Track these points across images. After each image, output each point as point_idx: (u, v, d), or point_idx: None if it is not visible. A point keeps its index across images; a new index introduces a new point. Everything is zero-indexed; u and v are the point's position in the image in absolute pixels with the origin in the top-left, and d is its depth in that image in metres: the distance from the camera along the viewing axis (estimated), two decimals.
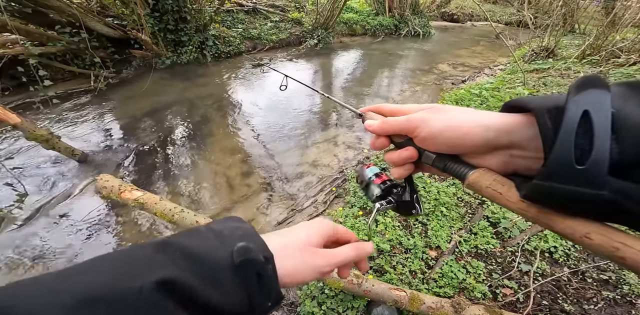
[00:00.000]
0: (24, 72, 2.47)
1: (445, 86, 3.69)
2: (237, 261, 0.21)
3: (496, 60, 5.13)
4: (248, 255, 0.21)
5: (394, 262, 1.29)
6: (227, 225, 0.25)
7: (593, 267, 1.34)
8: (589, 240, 0.17)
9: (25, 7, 2.72)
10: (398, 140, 0.28)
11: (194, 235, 0.23)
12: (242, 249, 0.21)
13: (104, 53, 3.39)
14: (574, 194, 0.16)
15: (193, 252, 0.20)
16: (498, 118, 0.22)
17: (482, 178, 0.22)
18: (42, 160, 2.09)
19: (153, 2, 3.40)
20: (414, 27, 6.81)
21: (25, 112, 2.60)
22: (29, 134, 1.91)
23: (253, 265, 0.21)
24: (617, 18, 4.22)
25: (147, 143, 2.35)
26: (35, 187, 1.87)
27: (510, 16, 9.12)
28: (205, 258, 0.20)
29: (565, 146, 0.16)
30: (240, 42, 4.53)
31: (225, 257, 0.21)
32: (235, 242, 0.22)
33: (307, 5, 6.10)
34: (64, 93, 2.92)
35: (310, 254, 0.26)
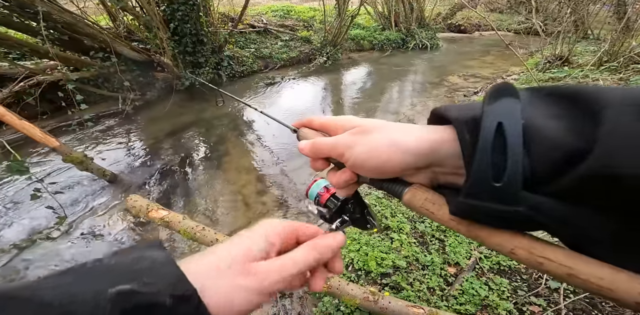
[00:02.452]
0: (62, 97, 2.81)
1: (457, 99, 3.81)
2: (128, 306, 0.15)
3: (509, 69, 5.23)
4: (136, 302, 0.15)
5: (411, 278, 1.34)
6: (128, 258, 0.19)
7: None
8: (515, 255, 0.18)
9: (62, 34, 3.11)
10: (334, 161, 0.28)
11: (69, 275, 0.17)
12: (121, 294, 0.15)
13: (130, 76, 3.79)
14: (494, 211, 0.17)
15: (42, 302, 0.14)
16: (417, 138, 0.22)
17: (414, 198, 0.23)
18: (76, 180, 2.34)
19: (173, 26, 3.84)
20: (421, 40, 7.12)
21: (60, 134, 2.93)
22: (66, 156, 2.16)
23: (154, 310, 0.16)
24: (630, 23, 4.25)
25: (168, 163, 2.57)
26: (69, 206, 2.08)
27: (519, 24, 9.32)
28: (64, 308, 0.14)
29: (482, 164, 0.17)
30: (253, 61, 4.93)
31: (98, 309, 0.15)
32: (126, 281, 0.16)
33: (316, 24, 6.59)
34: (95, 116, 3.28)
35: (245, 274, 0.21)
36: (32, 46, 3.03)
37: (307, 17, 6.96)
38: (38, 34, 2.79)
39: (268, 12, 6.93)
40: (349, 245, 1.51)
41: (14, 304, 0.14)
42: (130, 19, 4.06)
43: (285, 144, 2.84)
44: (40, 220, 1.96)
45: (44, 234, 1.87)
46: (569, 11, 5.41)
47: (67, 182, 2.32)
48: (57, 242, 1.81)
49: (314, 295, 1.33)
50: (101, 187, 2.27)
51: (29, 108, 3.02)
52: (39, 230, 1.89)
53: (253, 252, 0.22)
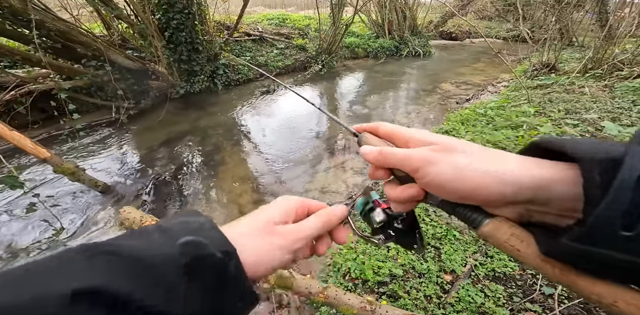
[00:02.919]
0: (54, 106, 2.80)
1: (450, 106, 3.92)
2: (186, 260, 0.18)
3: (499, 76, 5.43)
4: (198, 252, 0.19)
5: (408, 286, 1.36)
6: (178, 221, 0.22)
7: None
8: (618, 309, 0.16)
9: (55, 42, 3.11)
10: (400, 174, 0.26)
11: (136, 236, 0.20)
12: (188, 244, 0.19)
13: (124, 84, 3.80)
14: (613, 261, 0.16)
15: (130, 254, 0.18)
16: (521, 170, 0.20)
17: (498, 231, 0.21)
18: (67, 191, 2.31)
19: (168, 35, 3.89)
20: (414, 48, 7.36)
21: (52, 144, 2.91)
22: (57, 167, 2.15)
23: (208, 264, 0.19)
24: (612, 30, 4.46)
25: (163, 173, 2.57)
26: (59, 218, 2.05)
27: (508, 32, 9.72)
28: (145, 259, 0.17)
29: (614, 209, 0.15)
30: (249, 69, 5.01)
31: (172, 256, 0.18)
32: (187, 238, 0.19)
33: (311, 32, 6.76)
34: (87, 125, 3.27)
35: (273, 234, 0.25)
36: (24, 54, 3.04)
37: (302, 25, 7.15)
38: (30, 42, 2.79)
39: (264, 21, 7.09)
40: (345, 254, 1.53)
41: (108, 257, 0.17)
42: (125, 27, 4.10)
43: (280, 153, 2.87)
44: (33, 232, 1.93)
45: (34, 247, 1.84)
46: (554, 19, 5.69)
47: (58, 193, 2.29)
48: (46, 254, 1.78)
49: (311, 305, 1.34)
50: (93, 198, 2.25)
51: (19, 117, 3.00)
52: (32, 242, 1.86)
53: (275, 218, 0.26)
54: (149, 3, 3.61)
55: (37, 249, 1.82)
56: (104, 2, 3.51)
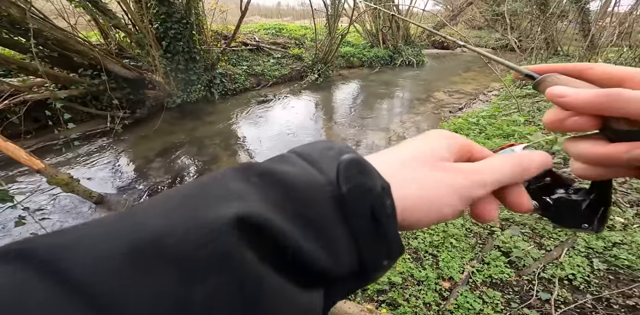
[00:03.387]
0: (49, 116, 2.81)
1: (443, 115, 4.07)
2: (345, 188, 0.15)
3: (489, 85, 5.66)
4: (360, 179, 0.15)
5: (407, 294, 1.40)
6: (314, 146, 0.19)
7: (617, 293, 1.42)
8: None
9: (52, 51, 3.13)
10: (620, 127, 0.18)
11: (277, 159, 0.17)
12: (351, 165, 0.15)
13: (120, 94, 3.84)
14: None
15: (282, 177, 0.15)
16: None
17: None
18: (60, 202, 2.30)
19: (165, 44, 3.97)
20: (407, 57, 7.64)
21: (45, 154, 2.89)
22: (51, 178, 2.15)
23: (367, 197, 0.15)
24: (595, 40, 4.73)
25: (159, 183, 2.59)
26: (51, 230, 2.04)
27: (497, 41, 10.18)
28: (300, 187, 0.15)
29: None
30: (245, 79, 5.12)
31: (323, 183, 0.15)
32: (336, 165, 0.16)
33: (307, 42, 6.97)
34: (82, 135, 3.27)
35: (442, 169, 0.18)
36: (20, 63, 3.06)
37: (298, 35, 7.37)
38: (27, 51, 2.81)
39: (260, 30, 7.29)
40: None
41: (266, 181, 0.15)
42: (122, 36, 4.18)
43: None
44: None
45: None
46: (539, 29, 6.02)
47: (51, 204, 2.28)
48: None
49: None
50: (88, 209, 2.24)
51: (12, 127, 2.99)
52: None
53: (443, 152, 0.20)
54: (147, 13, 3.71)
55: None
56: (102, 11, 3.60)
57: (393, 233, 0.16)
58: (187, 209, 0.13)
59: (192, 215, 0.13)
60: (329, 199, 0.15)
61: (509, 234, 1.71)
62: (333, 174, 0.15)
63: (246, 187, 0.14)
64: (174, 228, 0.12)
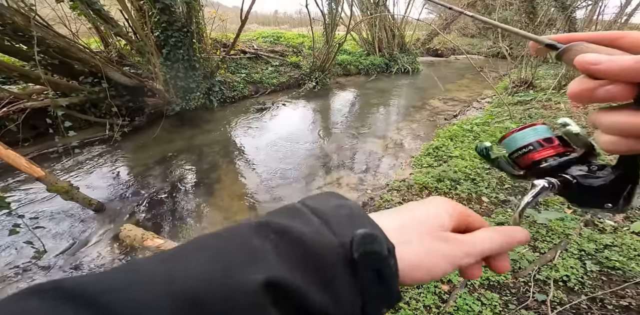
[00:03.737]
0: (50, 124, 2.83)
1: (438, 122, 4.20)
2: (357, 254, 0.17)
3: (482, 92, 5.86)
4: (370, 248, 0.17)
5: (407, 297, 1.44)
6: (325, 201, 0.20)
7: (610, 293, 1.48)
8: None
9: (54, 59, 3.17)
10: None
11: (291, 214, 0.19)
12: (364, 238, 0.17)
13: (120, 101, 3.87)
14: None
15: (297, 237, 0.17)
16: None
17: None
18: (59, 210, 2.31)
19: (166, 52, 4.05)
20: (403, 65, 7.87)
21: (43, 161, 2.91)
22: (51, 186, 2.17)
23: (374, 261, 0.17)
24: None
25: (158, 191, 2.61)
26: (53, 237, 2.04)
27: (489, 48, 10.55)
28: (316, 250, 0.17)
29: None
30: (244, 86, 5.21)
31: (336, 248, 0.17)
32: (348, 228, 0.18)
33: (304, 50, 7.15)
34: (80, 142, 3.29)
35: (440, 239, 0.21)
36: (22, 71, 3.09)
37: (296, 43, 7.56)
38: (30, 59, 2.85)
39: (259, 38, 7.47)
40: None
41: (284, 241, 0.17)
42: (123, 44, 4.26)
43: (276, 170, 2.97)
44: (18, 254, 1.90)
45: (19, 269, 1.81)
46: None
47: (49, 212, 2.29)
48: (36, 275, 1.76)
49: None
50: (87, 217, 2.25)
51: (10, 134, 3.00)
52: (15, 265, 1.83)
53: (445, 223, 0.22)
54: (148, 21, 3.80)
55: (15, 273, 1.79)
56: (104, 19, 3.67)
57: (394, 288, 0.18)
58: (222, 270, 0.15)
59: (228, 275, 0.15)
60: (340, 261, 0.17)
61: None
62: (345, 239, 0.18)
63: (266, 246, 0.16)
64: (211, 287, 0.14)
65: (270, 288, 0.15)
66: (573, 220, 1.90)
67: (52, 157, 2.94)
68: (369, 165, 3.01)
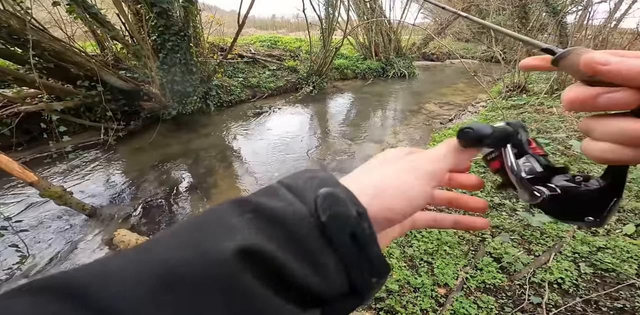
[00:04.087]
0: (44, 128, 2.81)
1: (434, 126, 4.26)
2: (324, 217, 0.17)
3: (477, 97, 5.97)
4: (335, 208, 0.17)
5: (404, 301, 1.45)
6: (299, 176, 0.21)
7: (605, 295, 1.51)
8: None
9: (49, 62, 3.17)
10: None
11: (268, 193, 0.19)
12: (326, 198, 0.18)
13: (115, 105, 3.87)
14: None
15: (272, 212, 0.17)
16: None
17: None
18: (52, 215, 2.29)
19: (163, 56, 4.06)
20: (399, 69, 7.99)
21: (37, 166, 2.88)
22: (44, 191, 2.15)
23: (343, 223, 0.17)
24: None
25: (154, 196, 2.60)
26: (44, 242, 2.02)
27: (483, 53, 10.78)
28: (286, 218, 0.17)
29: None
30: (241, 90, 5.25)
31: (306, 214, 0.17)
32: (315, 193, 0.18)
33: (302, 54, 7.23)
34: (74, 146, 3.27)
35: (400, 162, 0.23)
36: (16, 74, 3.08)
37: (293, 47, 7.65)
38: (24, 62, 2.85)
39: (256, 42, 7.54)
40: None
41: (257, 216, 0.17)
42: (120, 48, 4.27)
43: (273, 175, 2.98)
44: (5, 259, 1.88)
45: (5, 273, 1.79)
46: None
47: (42, 217, 2.26)
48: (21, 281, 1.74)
49: None
50: (80, 222, 2.23)
51: (3, 139, 2.98)
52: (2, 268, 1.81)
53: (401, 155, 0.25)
54: (145, 25, 3.82)
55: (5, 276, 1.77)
56: (100, 23, 3.70)
57: (374, 252, 0.18)
58: (196, 243, 0.15)
59: (201, 249, 0.15)
60: (313, 229, 0.17)
61: (500, 240, 1.81)
62: (312, 204, 0.18)
63: (242, 222, 0.16)
64: (187, 261, 0.14)
65: (245, 256, 0.15)
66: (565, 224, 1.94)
67: (46, 161, 2.92)
68: None
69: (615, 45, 4.55)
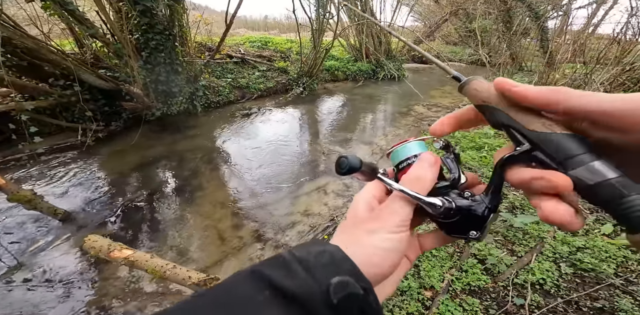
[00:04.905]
0: (13, 129, 2.68)
1: (422, 128, 4.33)
2: (335, 300, 0.19)
3: (464, 99, 6.10)
4: (346, 291, 0.20)
5: (391, 305, 1.45)
6: (310, 251, 0.23)
7: (585, 295, 1.55)
8: None
9: (22, 60, 3.04)
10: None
11: (281, 267, 0.21)
12: (339, 286, 0.20)
13: (94, 105, 3.74)
14: None
15: (288, 291, 0.19)
16: None
17: None
18: (21, 220, 2.16)
19: (146, 55, 3.94)
20: (389, 71, 8.10)
21: (7, 169, 2.73)
22: (12, 195, 2.04)
23: (354, 302, 0.20)
24: (553, 56, 5.11)
25: (134, 199, 2.51)
26: (12, 248, 1.90)
27: (470, 56, 11.09)
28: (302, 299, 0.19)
29: None
30: (230, 91, 5.17)
31: (319, 295, 0.19)
32: (328, 275, 0.20)
33: (292, 55, 7.22)
34: (49, 148, 3.13)
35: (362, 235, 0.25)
36: None
37: (284, 48, 7.63)
38: None
39: (246, 43, 7.48)
40: None
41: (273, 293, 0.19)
42: (99, 46, 4.13)
43: (261, 177, 2.94)
44: None
45: None
46: (505, 45, 6.67)
47: (8, 223, 2.13)
48: None
49: None
50: (51, 227, 2.12)
51: None
52: None
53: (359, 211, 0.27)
54: (127, 23, 3.72)
55: None
56: (78, 20, 3.56)
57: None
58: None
59: None
60: (325, 308, 0.19)
61: (484, 241, 1.84)
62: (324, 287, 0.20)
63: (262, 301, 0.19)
64: None
65: None
66: (547, 224, 1.99)
67: (19, 164, 2.77)
68: None
69: (592, 50, 4.75)
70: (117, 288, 1.69)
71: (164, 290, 1.68)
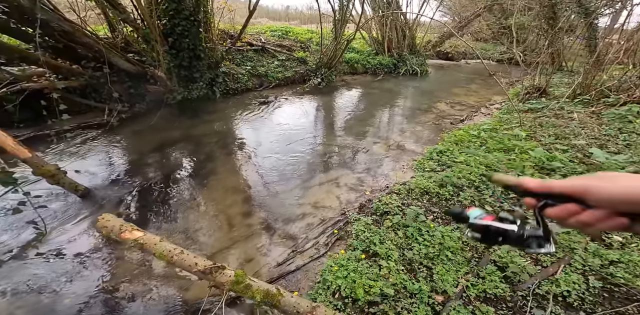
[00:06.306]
0: (45, 106, 2.79)
1: (444, 126, 4.09)
2: None
3: (491, 98, 5.73)
4: None
5: (399, 307, 1.37)
6: None
7: (611, 311, 1.40)
8: None
9: (58, 42, 3.19)
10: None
11: None
12: None
13: (121, 87, 3.85)
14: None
15: None
16: None
17: None
18: (43, 194, 2.26)
19: (172, 40, 4.01)
20: (411, 66, 7.74)
21: (36, 145, 2.87)
22: (37, 169, 2.12)
23: None
24: (601, 56, 4.55)
25: (150, 180, 2.56)
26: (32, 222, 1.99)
27: (502, 54, 10.37)
28: None
29: None
30: (248, 79, 5.15)
31: None
32: None
33: (312, 46, 7.06)
34: (77, 126, 3.25)
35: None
36: (21, 52, 3.08)
37: (304, 38, 7.48)
38: (32, 41, 2.85)
39: (267, 32, 7.40)
40: (336, 272, 1.53)
41: None
42: (130, 31, 4.22)
43: (274, 166, 2.90)
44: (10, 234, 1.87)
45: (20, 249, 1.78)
46: (547, 43, 6.10)
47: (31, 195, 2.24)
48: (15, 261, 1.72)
49: None
50: (71, 203, 2.20)
51: (4, 115, 2.97)
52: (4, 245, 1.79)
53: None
54: (156, 8, 3.76)
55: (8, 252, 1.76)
56: (112, 5, 3.65)
57: None
58: None
59: None
60: None
61: (506, 249, 1.70)
62: None
63: None
64: None
65: None
66: (579, 234, 1.80)
67: (47, 140, 2.90)
68: (369, 166, 2.93)
69: None
70: (125, 267, 1.72)
71: (172, 273, 1.69)
